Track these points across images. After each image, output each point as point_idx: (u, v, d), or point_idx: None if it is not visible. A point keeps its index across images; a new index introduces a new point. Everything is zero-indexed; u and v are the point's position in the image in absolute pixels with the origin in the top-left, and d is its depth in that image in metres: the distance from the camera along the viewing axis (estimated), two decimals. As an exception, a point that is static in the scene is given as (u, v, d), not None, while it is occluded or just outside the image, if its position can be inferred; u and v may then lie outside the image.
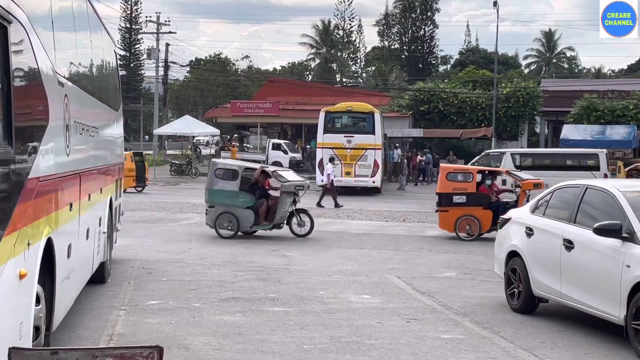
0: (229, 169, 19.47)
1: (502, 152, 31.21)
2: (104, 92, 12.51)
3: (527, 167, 28.51)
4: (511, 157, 29.96)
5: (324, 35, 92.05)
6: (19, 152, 5.88)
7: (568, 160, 30.67)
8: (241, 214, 18.87)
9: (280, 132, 58.46)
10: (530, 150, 30.82)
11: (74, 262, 8.72)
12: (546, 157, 31.82)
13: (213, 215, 19.07)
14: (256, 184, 19.35)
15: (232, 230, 18.87)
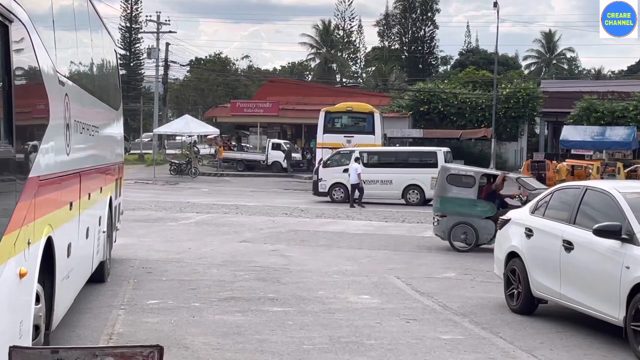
0: (465, 175, 17.81)
1: (351, 150, 32.12)
2: (104, 91, 12.51)
3: (374, 165, 30.36)
4: (359, 155, 30.84)
5: (324, 35, 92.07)
6: (20, 151, 5.88)
7: (410, 158, 31.84)
8: (480, 225, 17.23)
9: (280, 132, 58.49)
10: (377, 149, 33.01)
11: (73, 261, 8.73)
12: (391, 155, 32.97)
13: (446, 225, 17.50)
14: (493, 193, 17.88)
15: (469, 242, 17.35)
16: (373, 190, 30.03)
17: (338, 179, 30.61)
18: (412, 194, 30.37)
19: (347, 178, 29.63)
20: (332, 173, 30.83)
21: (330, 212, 26.59)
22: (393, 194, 30.41)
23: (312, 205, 29.00)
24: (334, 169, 30.88)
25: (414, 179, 29.89)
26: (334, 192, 30.82)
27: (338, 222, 23.36)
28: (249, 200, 30.27)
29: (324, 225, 22.41)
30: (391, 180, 30.29)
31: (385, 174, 30.42)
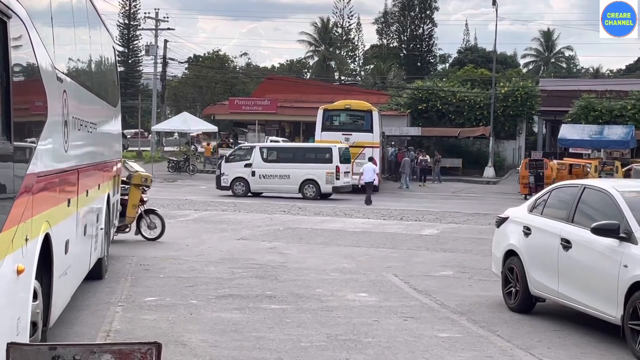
0: None
1: (252, 146, 33.81)
2: (103, 88, 12.50)
3: (273, 160, 31.38)
4: (259, 150, 32.15)
5: (322, 32, 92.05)
6: (18, 148, 5.87)
7: (307, 154, 32.64)
8: None
9: (278, 130, 58.48)
10: (275, 145, 34.70)
11: (71, 258, 8.72)
12: (289, 151, 33.76)
13: None
14: None
15: None
16: (272, 185, 31.50)
17: (239, 174, 31.55)
18: (309, 188, 31.39)
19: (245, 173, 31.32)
20: (234, 168, 31.74)
21: (328, 210, 26.60)
22: (291, 188, 31.38)
23: (310, 203, 29.00)
24: (236, 164, 31.79)
25: (310, 174, 30.82)
26: (235, 186, 31.63)
27: (336, 220, 23.36)
28: (246, 198, 30.27)
29: (322, 222, 22.41)
30: (289, 175, 31.33)
31: (284, 169, 31.43)
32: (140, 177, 16.69)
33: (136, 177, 16.59)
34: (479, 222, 24.02)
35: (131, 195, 16.56)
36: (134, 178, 16.59)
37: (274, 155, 32.41)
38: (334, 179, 30.98)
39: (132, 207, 16.56)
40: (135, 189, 16.58)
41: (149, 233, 17.31)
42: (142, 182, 16.67)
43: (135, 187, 16.58)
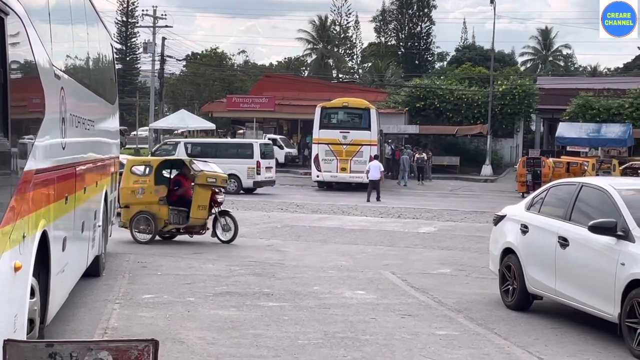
0: None
1: (177, 141, 34.40)
2: (100, 85, 12.49)
3: (197, 155, 31.02)
4: (184, 145, 32.68)
5: (320, 30, 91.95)
6: (15, 145, 5.87)
7: (230, 150, 33.22)
8: None
9: (276, 127, 58.43)
10: (200, 140, 36.90)
11: (68, 255, 8.72)
12: (212, 147, 34.05)
13: None
14: None
15: None
16: None
17: None
18: (231, 183, 31.54)
19: None
20: None
21: (326, 207, 26.60)
22: None
23: (308, 201, 29.01)
24: None
25: (231, 169, 30.73)
26: None
27: (334, 218, 23.36)
28: (244, 195, 30.27)
29: (320, 220, 22.42)
30: None
31: None
32: (205, 177, 16.43)
33: (200, 177, 16.41)
34: (476, 220, 24.04)
35: (196, 196, 16.38)
36: (197, 178, 16.42)
37: (198, 150, 32.54)
38: (254, 174, 31.37)
39: (196, 207, 16.32)
40: (201, 189, 16.34)
41: (224, 235, 16.86)
42: (207, 182, 16.41)
43: (201, 187, 16.34)
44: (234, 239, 16.85)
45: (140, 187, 16.71)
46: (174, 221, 16.67)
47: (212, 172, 16.78)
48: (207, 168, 17.10)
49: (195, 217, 16.40)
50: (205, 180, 16.35)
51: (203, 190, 16.35)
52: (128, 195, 16.64)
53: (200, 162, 17.95)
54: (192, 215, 16.39)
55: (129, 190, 16.68)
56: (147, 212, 16.48)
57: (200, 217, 16.45)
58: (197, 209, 16.35)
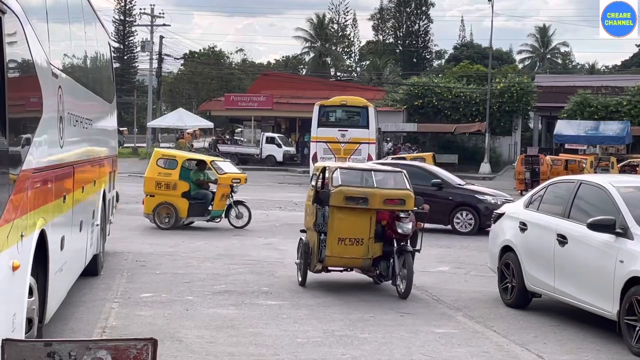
0: None
1: None
2: (98, 84, 12.48)
3: None
4: None
5: (318, 28, 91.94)
6: (13, 144, 5.85)
7: None
8: None
9: (274, 126, 58.43)
10: None
11: (67, 254, 8.71)
12: None
13: None
14: None
15: None
16: None
17: None
18: None
19: None
20: None
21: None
22: None
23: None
24: None
25: None
26: None
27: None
28: (242, 194, 30.18)
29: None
30: None
31: None
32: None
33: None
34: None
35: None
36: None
37: None
38: None
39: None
40: (223, 187, 18.42)
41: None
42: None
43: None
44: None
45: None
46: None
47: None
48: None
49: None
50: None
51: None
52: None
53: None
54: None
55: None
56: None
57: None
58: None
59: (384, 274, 11.61)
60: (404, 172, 12.09)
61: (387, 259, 11.49)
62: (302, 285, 11.88)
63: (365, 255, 11.43)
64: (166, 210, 18.43)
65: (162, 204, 18.40)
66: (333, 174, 11.65)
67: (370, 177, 11.76)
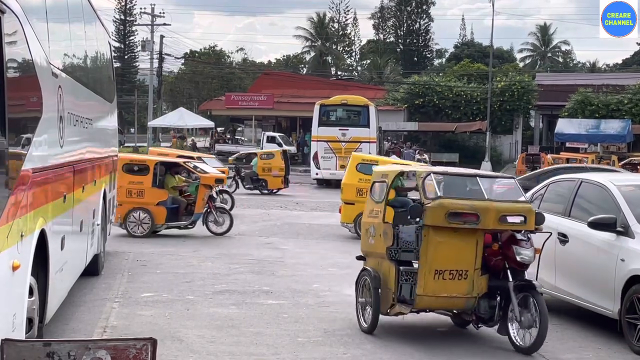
0: None
1: None
2: (98, 83, 12.47)
3: None
4: None
5: (319, 28, 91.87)
6: (12, 144, 5.85)
7: None
8: None
9: (275, 125, 58.42)
10: None
11: (67, 254, 8.70)
12: None
13: None
14: None
15: None
16: None
17: None
18: None
19: None
20: None
21: (325, 205, 26.56)
22: None
23: (307, 199, 28.99)
24: None
25: None
26: None
27: (333, 215, 23.29)
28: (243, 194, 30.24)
29: (319, 218, 22.39)
30: None
31: None
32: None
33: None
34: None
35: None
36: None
37: None
38: None
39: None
40: (204, 188, 17.26)
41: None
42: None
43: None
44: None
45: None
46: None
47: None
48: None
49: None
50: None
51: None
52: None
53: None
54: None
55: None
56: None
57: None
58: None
59: (483, 317, 8.79)
60: (515, 178, 9.76)
61: (490, 297, 8.70)
62: (369, 332, 9.14)
63: (470, 293, 8.57)
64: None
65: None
66: (425, 181, 8.79)
67: (477, 186, 8.91)
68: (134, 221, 17.10)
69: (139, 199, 17.16)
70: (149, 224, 17.10)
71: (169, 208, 17.37)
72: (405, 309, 8.84)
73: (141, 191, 17.25)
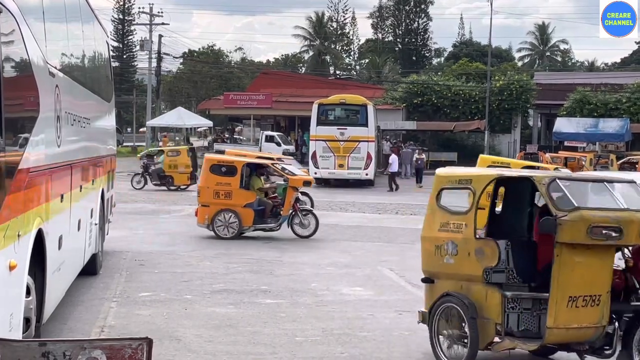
0: None
1: None
2: (96, 83, 12.46)
3: None
4: None
5: (317, 27, 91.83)
6: (9, 143, 5.85)
7: None
8: None
9: (273, 124, 58.40)
10: None
11: (65, 254, 8.69)
12: None
13: None
14: None
15: None
16: None
17: None
18: None
19: None
20: None
21: (323, 204, 26.53)
22: None
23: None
24: None
25: None
26: None
27: (331, 215, 23.32)
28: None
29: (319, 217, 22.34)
30: None
31: None
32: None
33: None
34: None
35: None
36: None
37: None
38: None
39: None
40: (292, 190, 17.29)
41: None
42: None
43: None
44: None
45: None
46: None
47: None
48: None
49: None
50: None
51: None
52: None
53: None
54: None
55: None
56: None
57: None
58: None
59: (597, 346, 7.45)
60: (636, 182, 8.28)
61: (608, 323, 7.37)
62: None
63: (600, 322, 7.30)
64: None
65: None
66: (550, 187, 7.35)
67: (607, 193, 7.64)
68: (221, 223, 16.99)
69: (226, 201, 17.02)
70: (236, 225, 16.98)
71: (256, 210, 17.24)
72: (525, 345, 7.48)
73: (229, 192, 17.04)
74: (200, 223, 17.20)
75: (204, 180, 17.45)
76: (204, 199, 17.20)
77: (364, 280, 12.71)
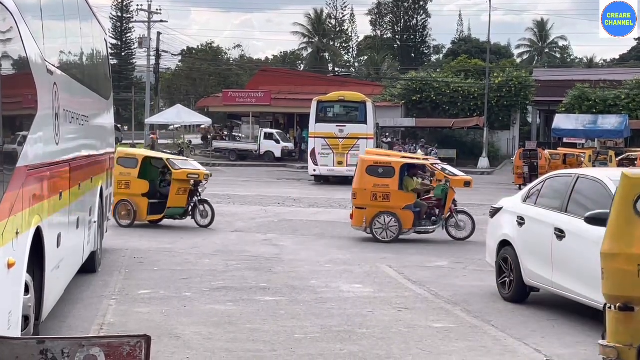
0: None
1: None
2: (94, 80, 12.44)
3: None
4: None
5: (316, 24, 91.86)
6: (7, 141, 5.84)
7: None
8: None
9: (272, 122, 58.37)
10: None
11: (63, 251, 8.69)
12: None
13: None
14: None
15: None
16: None
17: None
18: None
19: None
20: None
21: (322, 201, 26.58)
22: None
23: (305, 195, 28.98)
24: None
25: None
26: None
27: (331, 212, 23.33)
28: (241, 190, 30.22)
29: (317, 214, 22.39)
30: None
31: None
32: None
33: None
34: (473, 212, 23.89)
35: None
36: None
37: None
38: None
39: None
40: (177, 183, 17.85)
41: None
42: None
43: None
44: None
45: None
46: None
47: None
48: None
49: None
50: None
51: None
52: None
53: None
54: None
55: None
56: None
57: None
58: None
59: None
60: None
61: None
62: None
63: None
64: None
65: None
66: None
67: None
68: (380, 226, 16.71)
69: (385, 203, 16.68)
70: (395, 229, 16.72)
71: (415, 212, 16.91)
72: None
73: (387, 194, 16.71)
74: (357, 226, 16.91)
75: (360, 182, 17.02)
76: (361, 201, 16.83)
77: (363, 277, 12.71)
